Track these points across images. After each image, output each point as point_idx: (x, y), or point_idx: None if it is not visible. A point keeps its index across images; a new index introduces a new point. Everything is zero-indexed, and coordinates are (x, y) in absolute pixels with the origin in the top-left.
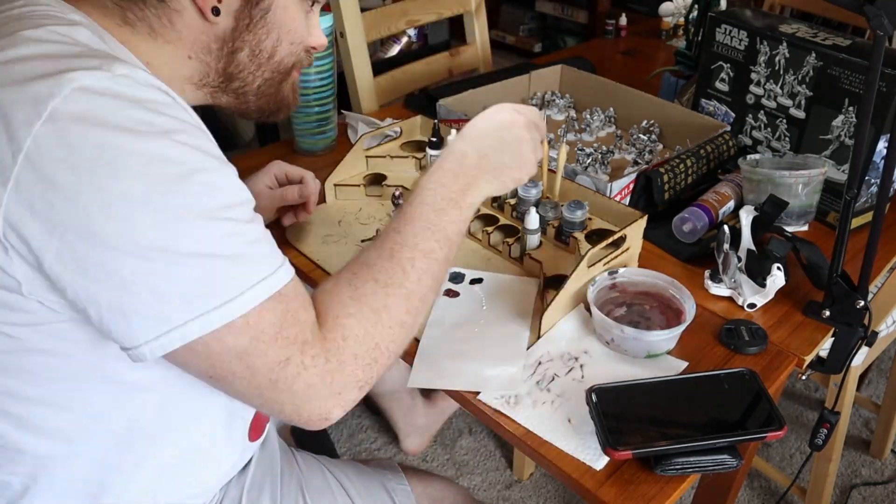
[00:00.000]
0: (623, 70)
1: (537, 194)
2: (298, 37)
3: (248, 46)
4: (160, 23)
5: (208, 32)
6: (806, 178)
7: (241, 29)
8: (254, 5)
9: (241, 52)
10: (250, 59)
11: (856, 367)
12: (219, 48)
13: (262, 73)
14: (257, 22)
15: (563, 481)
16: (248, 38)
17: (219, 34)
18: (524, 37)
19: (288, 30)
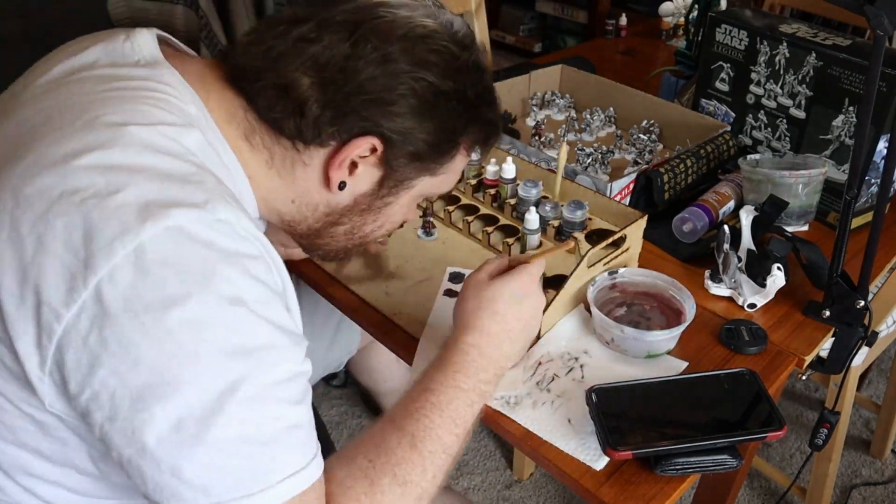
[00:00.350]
0: (623, 70)
1: (537, 194)
2: (398, 224)
3: (350, 224)
4: (283, 161)
5: (322, 196)
6: (806, 178)
7: (355, 211)
8: (379, 197)
9: (342, 226)
10: (346, 233)
11: (856, 367)
12: (325, 214)
13: (345, 244)
14: (373, 211)
15: (563, 481)
16: (356, 219)
17: (331, 203)
18: (524, 37)
19: (394, 221)
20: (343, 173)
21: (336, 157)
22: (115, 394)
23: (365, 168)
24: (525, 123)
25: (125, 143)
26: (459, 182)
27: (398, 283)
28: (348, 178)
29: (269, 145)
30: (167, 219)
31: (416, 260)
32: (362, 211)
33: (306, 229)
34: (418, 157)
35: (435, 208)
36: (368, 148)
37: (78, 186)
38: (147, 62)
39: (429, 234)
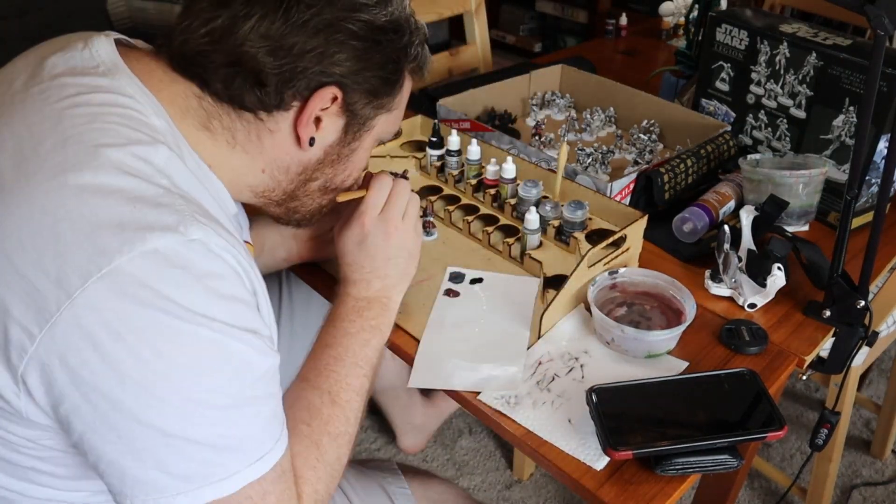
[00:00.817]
0: (623, 70)
1: (537, 194)
2: (361, 171)
3: (323, 177)
4: (247, 136)
5: (293, 156)
6: (806, 178)
7: (326, 162)
8: (346, 144)
9: (316, 181)
10: (320, 188)
11: (856, 368)
12: (298, 173)
13: (321, 201)
14: (342, 159)
15: (564, 481)
16: (328, 171)
17: (303, 161)
18: (524, 37)
19: (359, 167)
20: (310, 129)
21: (302, 116)
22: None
23: (329, 119)
24: (525, 123)
25: (97, 166)
26: (459, 182)
27: None
28: (316, 133)
29: (229, 125)
30: (143, 243)
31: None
32: (333, 161)
33: (281, 194)
34: (374, 94)
35: (435, 208)
36: (329, 98)
37: (49, 207)
38: (107, 68)
39: (429, 234)
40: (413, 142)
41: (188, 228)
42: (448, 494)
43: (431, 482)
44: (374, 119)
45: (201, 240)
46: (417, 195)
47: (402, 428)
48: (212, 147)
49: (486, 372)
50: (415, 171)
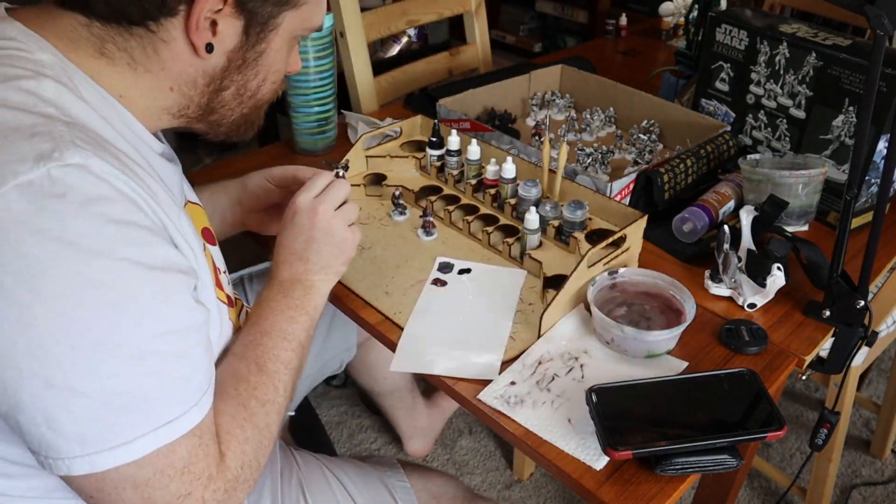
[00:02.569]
0: (623, 70)
1: (537, 194)
2: (281, 75)
3: (234, 85)
4: (144, 53)
5: (197, 67)
6: (806, 178)
7: (232, 69)
8: (249, 47)
9: (227, 90)
10: (234, 97)
11: (856, 367)
12: (206, 84)
13: (241, 110)
14: (249, 63)
15: (563, 481)
16: (236, 77)
17: (208, 70)
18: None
19: (275, 70)
20: (205, 35)
21: (191, 20)
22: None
23: (225, 23)
24: (525, 123)
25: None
26: (459, 182)
27: (398, 282)
28: (213, 39)
29: (124, 45)
30: (14, 177)
31: (416, 260)
32: (239, 67)
33: (196, 109)
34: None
35: (435, 208)
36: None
37: None
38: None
39: (429, 234)
40: (413, 142)
41: (64, 153)
42: (447, 487)
43: (431, 475)
44: (277, 17)
45: (80, 163)
46: (357, 205)
47: (409, 432)
48: (114, 74)
49: (466, 359)
50: (415, 171)
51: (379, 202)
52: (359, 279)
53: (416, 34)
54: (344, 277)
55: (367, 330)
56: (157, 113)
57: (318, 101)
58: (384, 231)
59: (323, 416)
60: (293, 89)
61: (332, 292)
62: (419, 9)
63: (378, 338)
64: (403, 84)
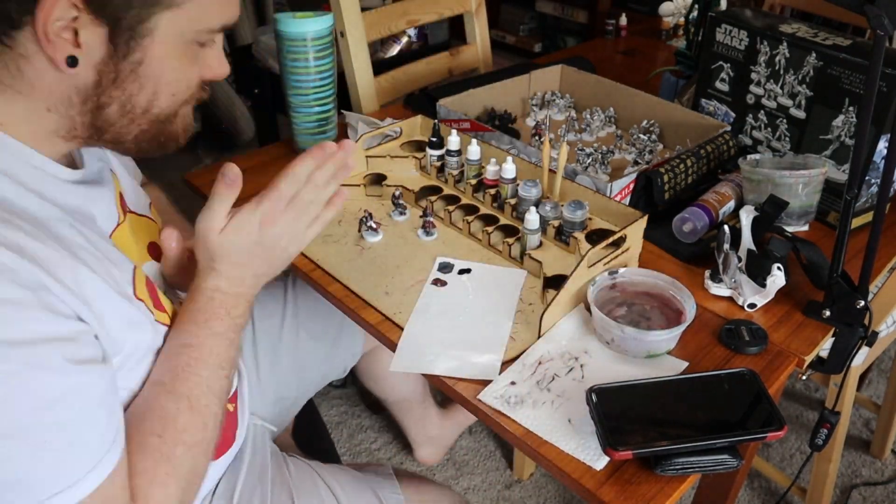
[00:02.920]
0: (623, 70)
1: (537, 194)
2: (183, 85)
3: (116, 102)
4: (8, 72)
5: (66, 83)
6: (806, 178)
7: (106, 84)
8: (121, 58)
9: (109, 107)
10: (120, 114)
11: (856, 368)
12: (81, 102)
13: (137, 126)
14: (126, 76)
15: (563, 481)
16: (115, 93)
17: (79, 87)
18: (524, 37)
19: (167, 81)
20: (63, 46)
21: (38, 32)
22: None
23: (87, 32)
24: (525, 123)
25: None
26: (459, 182)
27: (398, 282)
28: (77, 51)
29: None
30: None
31: (417, 260)
32: (114, 80)
33: (84, 130)
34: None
35: (435, 208)
36: (68, 5)
37: None
38: None
39: (429, 234)
40: (413, 142)
41: None
42: (442, 499)
43: (426, 487)
44: (148, 21)
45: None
46: None
47: (418, 440)
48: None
49: (465, 359)
50: (415, 171)
51: (379, 202)
52: (359, 279)
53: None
54: (344, 277)
55: (367, 330)
56: (46, 137)
57: (318, 101)
58: (384, 231)
59: (323, 416)
60: (293, 89)
61: (333, 293)
62: (419, 9)
63: (378, 338)
64: (403, 84)
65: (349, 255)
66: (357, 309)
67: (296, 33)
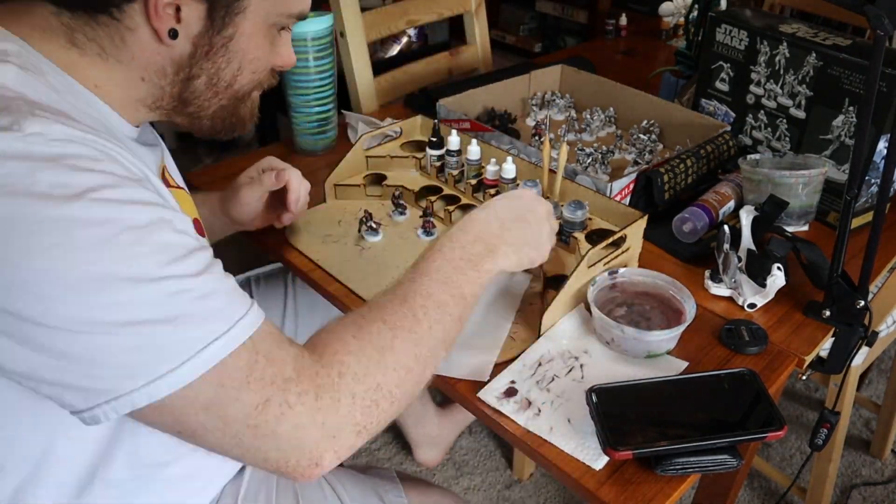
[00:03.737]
0: (623, 70)
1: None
2: (262, 64)
3: (205, 74)
4: (112, 42)
5: (163, 55)
6: (806, 178)
7: (199, 56)
8: (216, 32)
9: (198, 79)
10: (207, 86)
11: (856, 367)
12: (174, 73)
13: (218, 101)
14: (218, 50)
15: (563, 481)
16: (206, 65)
17: (175, 58)
18: (524, 37)
19: (251, 58)
20: (168, 20)
21: (150, 5)
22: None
23: (188, 7)
24: (525, 123)
25: None
26: (459, 182)
27: None
28: (177, 25)
29: (93, 35)
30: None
31: None
32: (207, 53)
33: (171, 100)
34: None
35: (435, 208)
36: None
37: None
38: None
39: (429, 234)
40: (413, 142)
41: (23, 124)
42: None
43: (429, 491)
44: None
45: (40, 132)
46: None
47: (418, 441)
48: (87, 66)
49: (458, 359)
50: (415, 171)
51: (379, 202)
52: (359, 279)
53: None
54: (344, 277)
55: None
56: (133, 104)
57: (318, 101)
58: (384, 231)
59: None
60: (293, 89)
61: (332, 293)
62: (419, 9)
63: None
64: (403, 84)
65: (349, 255)
66: None
67: (296, 33)
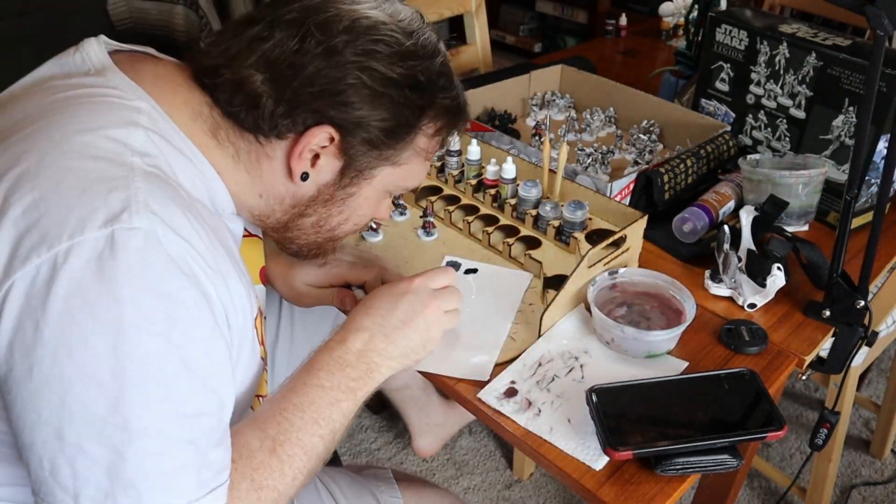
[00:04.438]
0: (623, 70)
1: (537, 194)
2: (366, 220)
3: (316, 216)
4: (248, 156)
5: (288, 189)
6: (806, 178)
7: (319, 201)
8: (341, 187)
9: (309, 217)
10: (313, 226)
11: (856, 367)
12: (291, 206)
13: (315, 238)
14: (336, 202)
15: (563, 481)
16: (320, 210)
17: (296, 195)
18: (524, 37)
19: (360, 214)
20: (304, 164)
21: (295, 149)
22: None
23: (326, 159)
24: (525, 123)
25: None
26: (459, 182)
27: None
28: (311, 169)
29: (234, 140)
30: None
31: (416, 260)
32: (326, 202)
33: (275, 223)
34: (374, 145)
35: (435, 208)
36: (326, 138)
37: None
38: (97, 70)
39: (429, 234)
40: None
41: (134, 215)
42: (443, 503)
43: (426, 491)
44: (374, 169)
45: (146, 229)
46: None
47: (419, 427)
48: (218, 155)
49: (459, 358)
50: None
51: None
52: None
53: None
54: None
55: None
56: (243, 206)
57: None
58: (384, 231)
59: None
60: None
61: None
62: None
63: None
64: None
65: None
66: None
67: None
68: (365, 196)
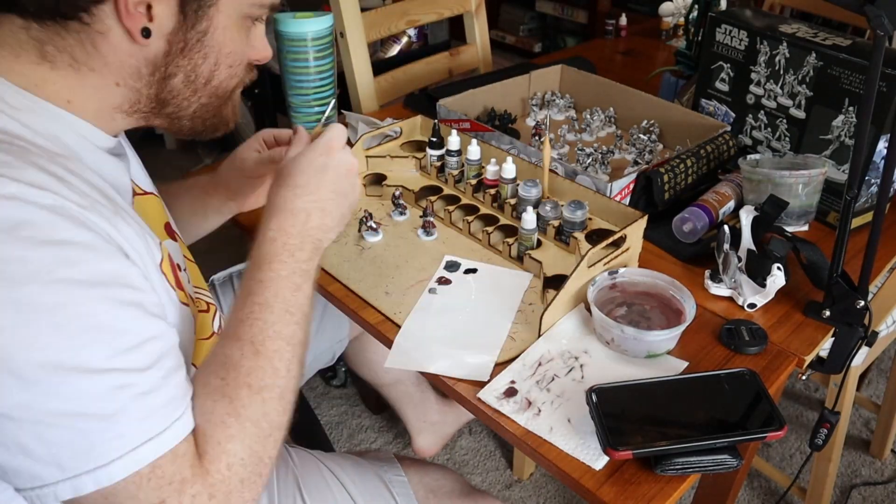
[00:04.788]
0: (623, 70)
1: (537, 194)
2: (239, 58)
3: (182, 72)
4: (83, 50)
5: (137, 56)
6: (806, 178)
7: (174, 53)
8: (189, 27)
9: (175, 77)
10: (185, 84)
11: (856, 367)
12: (150, 73)
13: (198, 99)
14: (193, 45)
15: (563, 481)
16: (182, 62)
17: (150, 58)
18: (524, 37)
19: (227, 52)
20: (139, 19)
21: (120, 5)
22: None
23: (160, 4)
24: (525, 123)
25: None
26: (459, 182)
27: (398, 282)
28: (150, 23)
29: (63, 45)
30: None
31: (416, 260)
32: (182, 50)
33: (148, 102)
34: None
35: (435, 208)
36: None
37: None
38: None
39: (429, 234)
40: (413, 142)
41: None
42: (445, 480)
43: (428, 469)
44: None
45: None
46: None
47: (417, 426)
48: (58, 80)
49: (459, 358)
50: (415, 171)
51: (379, 202)
52: (359, 279)
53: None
54: (344, 277)
55: (368, 330)
56: (109, 113)
57: (318, 101)
58: (384, 231)
59: (323, 417)
60: (293, 90)
61: (331, 292)
62: (419, 9)
63: (378, 337)
64: (403, 84)
65: (349, 255)
66: (357, 309)
67: (296, 33)
68: (221, 28)
